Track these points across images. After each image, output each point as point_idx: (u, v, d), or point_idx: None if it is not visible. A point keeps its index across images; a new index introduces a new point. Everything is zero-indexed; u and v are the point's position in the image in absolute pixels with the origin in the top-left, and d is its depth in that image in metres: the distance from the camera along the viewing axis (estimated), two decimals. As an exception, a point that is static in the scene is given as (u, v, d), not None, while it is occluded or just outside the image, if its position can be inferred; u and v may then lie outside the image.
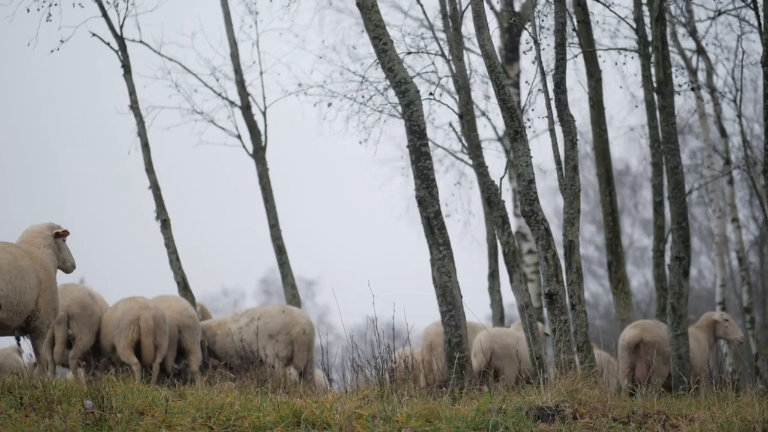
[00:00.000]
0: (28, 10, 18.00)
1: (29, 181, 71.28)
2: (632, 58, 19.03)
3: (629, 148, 56.01)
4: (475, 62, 21.32)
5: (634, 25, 15.02)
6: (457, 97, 18.01)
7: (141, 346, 14.14)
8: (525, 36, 21.55)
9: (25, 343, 11.94)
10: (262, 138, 18.15)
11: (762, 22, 13.53)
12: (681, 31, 21.97)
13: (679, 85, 20.47)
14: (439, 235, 12.58)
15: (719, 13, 18.86)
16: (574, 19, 14.21)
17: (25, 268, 10.76)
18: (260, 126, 18.22)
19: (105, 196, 74.47)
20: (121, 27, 18.28)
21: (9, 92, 70.99)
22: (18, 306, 10.63)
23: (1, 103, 70.88)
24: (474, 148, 14.08)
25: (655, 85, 14.06)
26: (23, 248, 11.03)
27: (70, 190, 72.93)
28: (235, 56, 18.31)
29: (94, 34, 18.17)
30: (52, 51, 18.23)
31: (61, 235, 11.39)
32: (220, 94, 18.90)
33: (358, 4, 13.13)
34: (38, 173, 73.53)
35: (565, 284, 12.95)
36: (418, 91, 12.87)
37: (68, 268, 11.61)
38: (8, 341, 15.63)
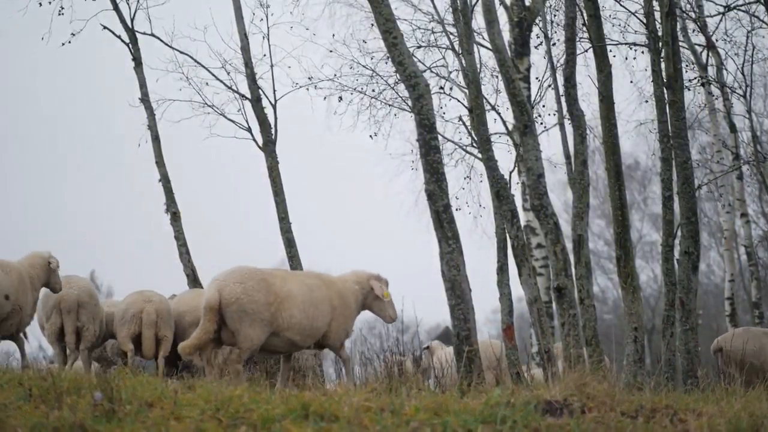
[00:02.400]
0: (41, 4, 18.11)
1: (37, 174, 71.39)
2: (642, 53, 19.04)
3: (638, 143, 56.01)
4: (485, 56, 21.37)
5: (645, 20, 15.00)
6: (466, 91, 18.02)
7: (142, 339, 14.19)
8: (535, 31, 21.60)
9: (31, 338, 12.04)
10: (272, 131, 18.15)
11: (772, 17, 13.53)
12: (691, 26, 21.98)
13: (689, 80, 20.48)
14: (448, 229, 12.57)
15: (729, 8, 18.84)
16: (585, 14, 14.20)
17: (320, 298, 12.06)
18: (270, 119, 18.22)
19: (115, 188, 74.59)
20: (132, 20, 18.37)
21: (19, 84, 71.12)
22: (310, 330, 11.99)
23: (11, 95, 71.01)
24: (483, 142, 14.07)
25: (664, 80, 14.05)
26: (325, 279, 12.39)
27: (79, 183, 73.06)
28: (245, 49, 18.31)
29: (105, 27, 18.24)
30: (63, 44, 18.33)
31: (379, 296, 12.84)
32: (230, 87, 18.93)
33: (368, -2, 13.13)
34: (46, 166, 73.64)
35: (574, 278, 12.96)
36: (428, 85, 12.86)
37: (386, 318, 13.00)
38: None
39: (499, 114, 20.87)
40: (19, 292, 12.59)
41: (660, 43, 14.26)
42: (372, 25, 20.60)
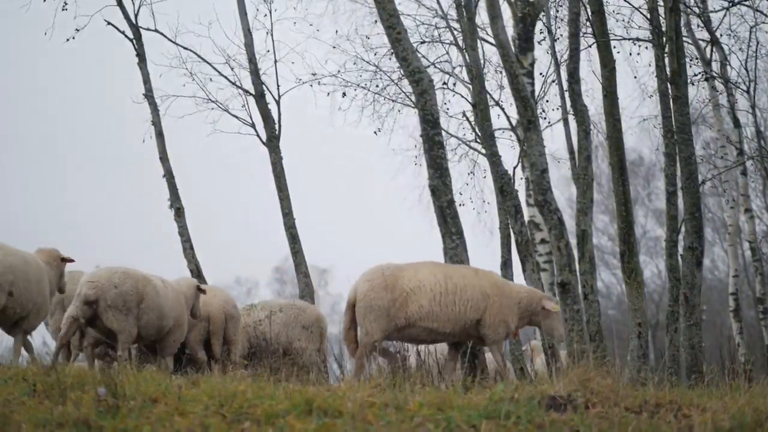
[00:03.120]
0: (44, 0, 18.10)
1: (41, 170, 71.39)
2: (646, 48, 19.04)
3: (642, 138, 56.00)
4: (488, 52, 21.36)
5: (648, 16, 15.00)
6: (470, 86, 18.02)
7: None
8: (539, 26, 21.59)
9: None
10: (276, 127, 18.16)
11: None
12: (695, 21, 21.94)
13: (693, 76, 20.45)
14: (452, 224, 12.58)
15: (733, 3, 18.83)
16: (588, 9, 14.20)
17: (461, 285, 11.88)
18: (274, 115, 18.23)
19: (118, 184, 74.59)
20: (136, 16, 18.38)
21: (23, 81, 71.12)
22: (448, 316, 11.79)
23: (15, 91, 71.01)
24: (487, 138, 14.08)
25: (668, 75, 14.05)
26: (480, 272, 12.09)
27: (81, 179, 73.04)
28: (249, 45, 18.31)
29: (109, 23, 18.24)
30: (67, 40, 18.35)
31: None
32: (234, 83, 18.94)
33: (371, -6, 13.14)
34: (49, 163, 73.66)
35: (578, 274, 12.95)
36: (431, 81, 12.86)
37: (555, 336, 12.41)
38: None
39: (502, 109, 20.90)
40: (177, 309, 13.11)
41: (664, 39, 14.25)
42: (376, 20, 20.62)
